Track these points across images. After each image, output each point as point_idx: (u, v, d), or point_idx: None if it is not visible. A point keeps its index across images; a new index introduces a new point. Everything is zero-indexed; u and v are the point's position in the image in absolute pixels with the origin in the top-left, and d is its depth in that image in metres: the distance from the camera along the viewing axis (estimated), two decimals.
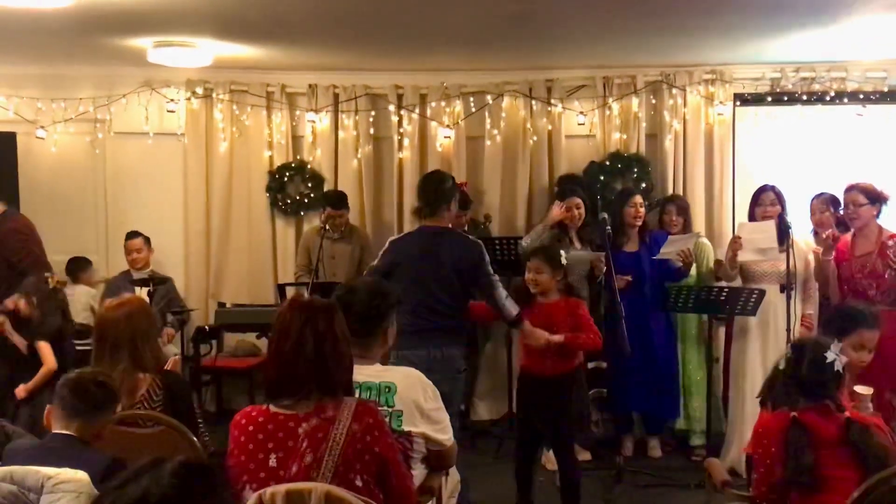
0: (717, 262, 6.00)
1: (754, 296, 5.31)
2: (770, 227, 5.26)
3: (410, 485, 2.75)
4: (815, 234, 5.84)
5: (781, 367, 3.08)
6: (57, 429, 2.75)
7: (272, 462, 2.46)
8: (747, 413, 5.24)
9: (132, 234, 6.83)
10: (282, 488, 2.30)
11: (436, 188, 4.74)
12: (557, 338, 4.58)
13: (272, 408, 2.54)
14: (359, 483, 2.42)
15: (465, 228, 6.56)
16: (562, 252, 4.89)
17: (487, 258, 4.64)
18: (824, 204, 5.79)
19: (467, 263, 4.57)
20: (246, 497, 2.39)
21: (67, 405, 2.75)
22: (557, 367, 4.67)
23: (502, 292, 4.63)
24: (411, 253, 4.63)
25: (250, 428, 2.52)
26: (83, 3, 4.92)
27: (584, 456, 6.00)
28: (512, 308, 4.62)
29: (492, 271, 4.63)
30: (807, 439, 2.84)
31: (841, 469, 2.83)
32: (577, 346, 4.67)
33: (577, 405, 4.81)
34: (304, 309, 2.61)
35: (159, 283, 6.47)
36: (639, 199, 5.99)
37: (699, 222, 6.73)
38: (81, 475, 2.39)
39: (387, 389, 3.03)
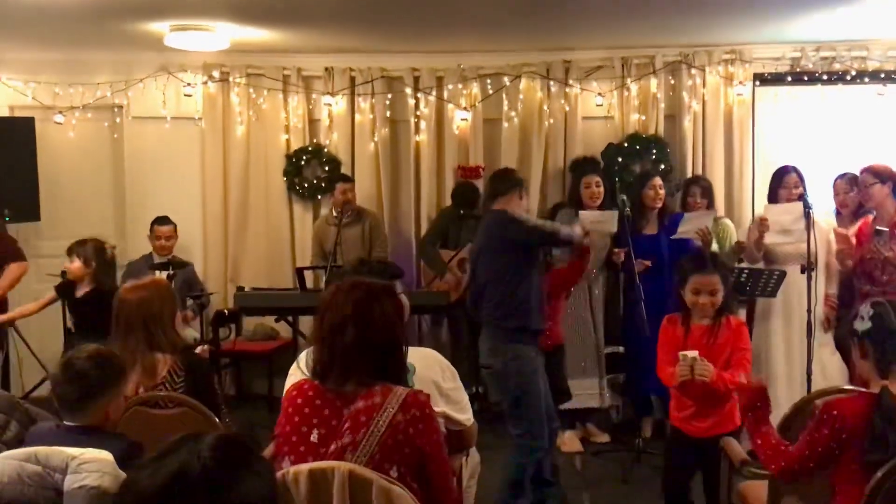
0: (739, 244, 5.97)
1: (775, 277, 5.28)
2: (797, 208, 5.19)
3: (450, 483, 2.68)
4: (839, 213, 5.80)
5: (861, 328, 2.81)
6: (65, 420, 2.73)
7: (314, 437, 2.44)
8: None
9: (164, 220, 6.82)
10: (304, 468, 2.29)
11: (496, 179, 4.85)
12: None
13: (322, 385, 2.52)
14: (394, 474, 2.39)
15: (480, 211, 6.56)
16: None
17: (516, 219, 4.53)
18: (847, 184, 5.74)
19: (498, 236, 4.53)
20: (281, 467, 2.38)
21: (68, 395, 2.71)
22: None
23: (556, 226, 4.65)
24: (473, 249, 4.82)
25: (299, 401, 2.51)
26: None
27: (603, 438, 6.01)
28: (566, 231, 4.60)
29: (532, 223, 4.59)
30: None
31: None
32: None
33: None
34: (351, 291, 2.56)
35: (178, 267, 6.49)
36: (658, 181, 5.95)
37: (719, 203, 6.66)
38: (105, 455, 2.40)
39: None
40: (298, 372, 3.08)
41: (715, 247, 5.89)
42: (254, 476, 1.54)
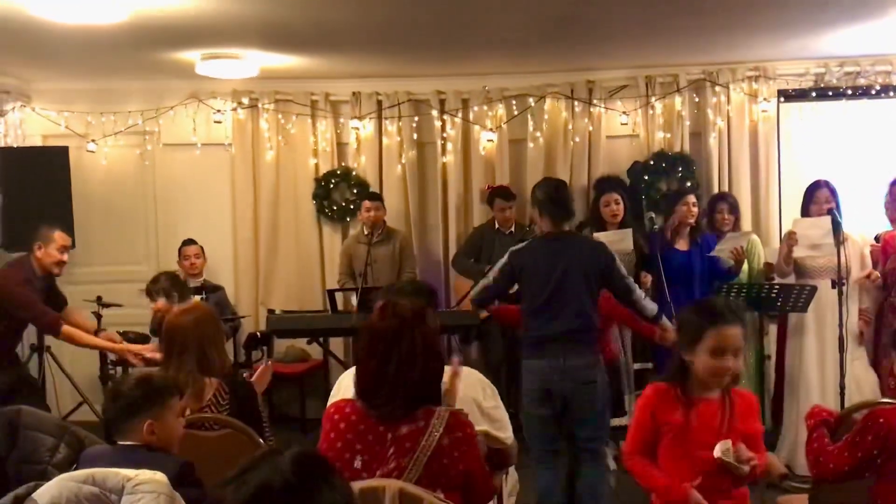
0: (767, 265, 5.98)
1: (805, 292, 5.29)
2: (826, 222, 5.23)
3: (491, 485, 2.74)
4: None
5: None
6: (119, 440, 2.79)
7: (357, 464, 2.46)
8: (802, 411, 5.21)
9: (189, 242, 6.92)
10: (356, 486, 2.33)
11: (567, 195, 4.75)
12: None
13: (365, 408, 2.54)
14: (440, 494, 2.42)
15: (513, 228, 6.62)
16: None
17: (618, 259, 4.60)
18: None
19: (600, 265, 4.51)
20: None
21: (109, 414, 2.79)
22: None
23: (640, 293, 4.60)
24: (536, 258, 4.56)
25: (342, 425, 2.53)
26: (136, 19, 5.03)
27: None
28: (651, 306, 4.60)
29: (625, 272, 4.60)
30: None
31: None
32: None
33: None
34: (393, 321, 2.58)
35: (212, 291, 6.57)
36: (692, 198, 5.99)
37: (746, 220, 6.69)
38: (160, 476, 2.44)
39: None
40: (339, 395, 3.14)
41: (745, 264, 5.91)
42: (333, 489, 1.59)
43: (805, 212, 5.59)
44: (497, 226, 6.70)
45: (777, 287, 5.45)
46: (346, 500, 1.63)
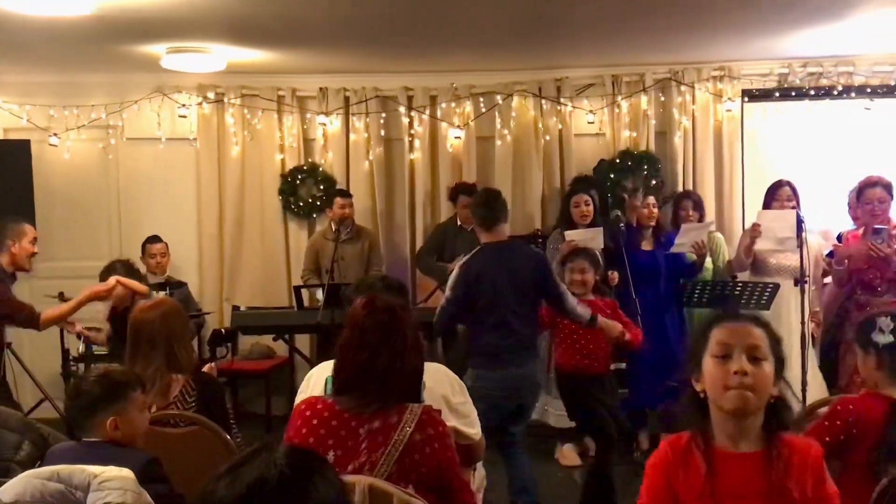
0: (730, 263, 6.04)
1: (769, 290, 5.35)
2: (790, 216, 5.26)
3: (470, 496, 2.70)
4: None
5: (882, 340, 2.86)
6: (83, 437, 2.76)
7: (329, 459, 2.42)
8: None
9: (154, 239, 6.85)
10: None
11: (498, 202, 4.72)
12: (628, 335, 4.72)
13: (338, 404, 2.53)
14: (410, 490, 2.41)
15: None
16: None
17: (554, 275, 4.68)
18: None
19: (539, 274, 4.57)
20: None
21: (71, 413, 2.77)
22: (607, 364, 4.93)
23: (572, 299, 4.63)
24: (487, 268, 4.53)
25: (314, 421, 2.51)
26: (102, 11, 4.96)
27: None
28: (584, 312, 4.63)
29: (559, 281, 4.68)
30: None
31: None
32: (634, 344, 4.79)
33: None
34: (383, 315, 2.58)
35: (175, 287, 6.51)
36: (651, 200, 6.04)
37: (710, 218, 6.74)
38: (126, 473, 2.42)
39: None
40: (308, 391, 3.12)
41: (709, 262, 5.97)
42: (327, 482, 1.59)
43: (766, 209, 5.65)
44: (459, 222, 6.70)
45: (740, 284, 5.51)
46: (339, 493, 1.64)
